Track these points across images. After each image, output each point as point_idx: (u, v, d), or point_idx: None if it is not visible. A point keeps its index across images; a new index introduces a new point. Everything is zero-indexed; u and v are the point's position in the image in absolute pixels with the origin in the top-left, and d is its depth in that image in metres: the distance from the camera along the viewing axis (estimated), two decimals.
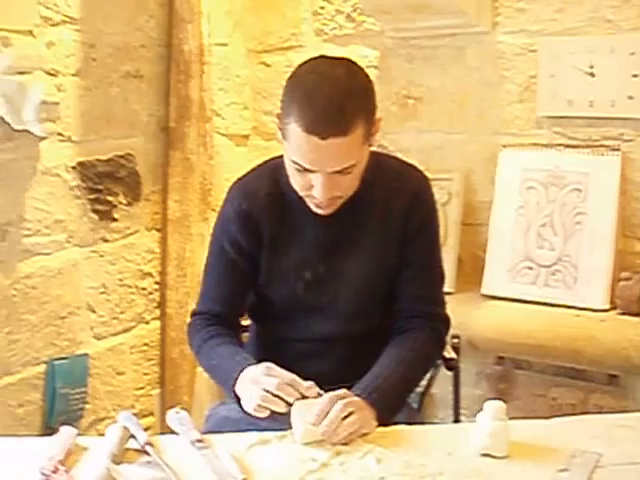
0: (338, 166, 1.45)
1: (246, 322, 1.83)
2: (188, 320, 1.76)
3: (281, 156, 1.60)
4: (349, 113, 1.42)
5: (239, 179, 1.71)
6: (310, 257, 1.64)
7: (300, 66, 1.51)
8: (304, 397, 1.40)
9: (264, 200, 1.63)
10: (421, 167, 1.74)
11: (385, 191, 1.64)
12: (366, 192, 1.61)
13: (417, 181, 1.68)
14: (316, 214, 1.58)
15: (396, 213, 1.64)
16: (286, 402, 1.39)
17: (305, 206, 1.57)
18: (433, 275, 1.71)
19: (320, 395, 1.41)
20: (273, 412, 1.41)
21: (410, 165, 1.72)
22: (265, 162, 1.72)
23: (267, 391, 1.40)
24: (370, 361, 1.57)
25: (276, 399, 1.39)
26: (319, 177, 1.46)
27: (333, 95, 1.42)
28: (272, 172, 1.65)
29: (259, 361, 1.50)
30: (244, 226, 1.63)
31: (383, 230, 1.64)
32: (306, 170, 1.46)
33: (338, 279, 1.64)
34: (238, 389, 1.49)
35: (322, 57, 1.54)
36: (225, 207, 1.69)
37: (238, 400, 1.50)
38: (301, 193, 1.54)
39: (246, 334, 1.87)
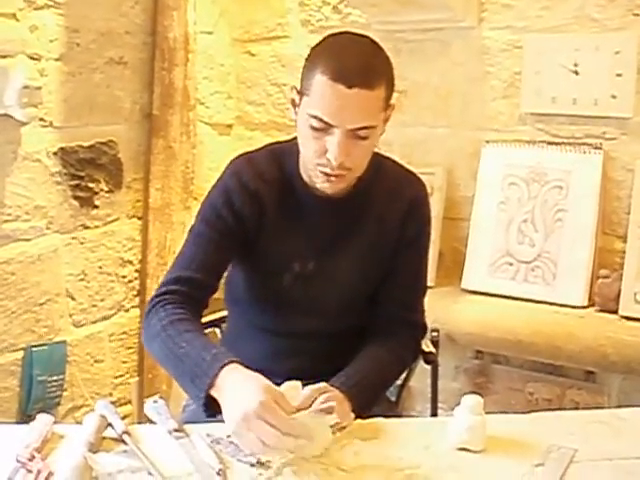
0: (358, 122, 1.44)
1: (221, 314, 1.82)
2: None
3: (282, 142, 1.60)
4: (376, 70, 1.45)
5: (247, 154, 1.66)
6: (303, 250, 1.61)
7: (325, 37, 1.53)
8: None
9: (272, 185, 1.60)
10: (403, 161, 1.73)
11: (384, 193, 1.64)
12: (365, 191, 1.60)
13: (417, 188, 1.68)
14: (318, 205, 1.56)
15: (394, 217, 1.63)
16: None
17: (308, 195, 1.56)
18: (419, 283, 1.73)
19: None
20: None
21: (410, 171, 1.71)
22: (270, 145, 1.69)
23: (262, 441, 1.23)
24: (345, 359, 1.56)
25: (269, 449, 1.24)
26: (336, 135, 1.44)
27: (361, 54, 1.45)
28: (279, 157, 1.63)
29: (236, 354, 1.44)
30: (249, 203, 1.59)
31: (379, 233, 1.64)
32: (326, 125, 1.44)
33: (326, 278, 1.63)
34: (221, 394, 1.33)
35: (346, 32, 1.56)
36: (230, 180, 1.61)
37: (210, 404, 1.35)
38: (312, 162, 1.50)
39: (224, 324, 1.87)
